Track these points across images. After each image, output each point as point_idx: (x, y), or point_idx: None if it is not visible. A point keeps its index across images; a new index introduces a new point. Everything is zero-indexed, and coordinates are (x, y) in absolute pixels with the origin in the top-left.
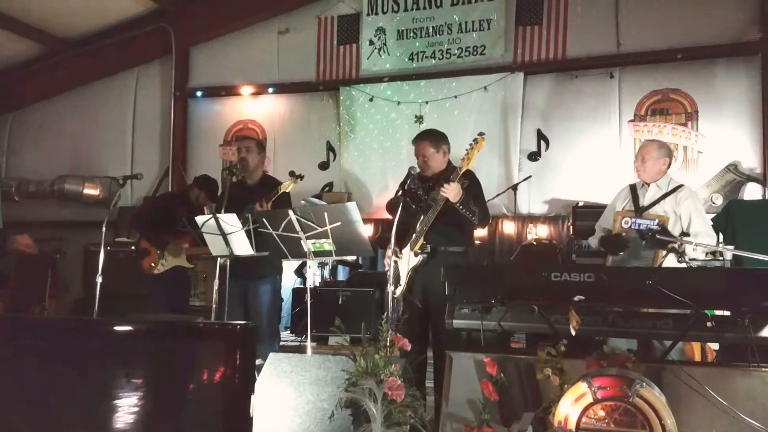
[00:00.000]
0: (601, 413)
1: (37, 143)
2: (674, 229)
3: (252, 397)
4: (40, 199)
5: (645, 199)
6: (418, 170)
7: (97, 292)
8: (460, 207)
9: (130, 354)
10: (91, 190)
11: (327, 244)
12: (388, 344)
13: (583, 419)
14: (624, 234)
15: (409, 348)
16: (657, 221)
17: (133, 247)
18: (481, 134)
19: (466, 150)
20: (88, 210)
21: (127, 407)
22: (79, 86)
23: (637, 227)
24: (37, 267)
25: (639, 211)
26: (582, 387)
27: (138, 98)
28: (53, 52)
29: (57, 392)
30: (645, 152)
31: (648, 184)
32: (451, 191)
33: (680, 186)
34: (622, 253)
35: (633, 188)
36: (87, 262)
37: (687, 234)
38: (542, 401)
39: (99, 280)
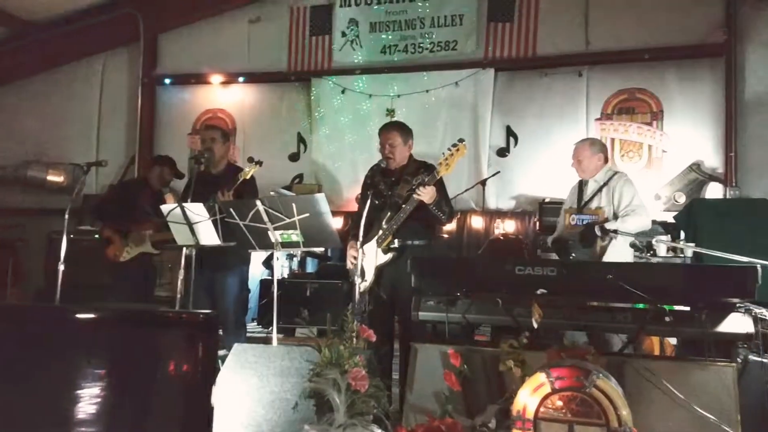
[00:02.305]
0: (559, 403)
1: (0, 129)
2: (611, 218)
3: (214, 386)
4: (2, 186)
5: (586, 195)
6: (384, 164)
7: (59, 281)
8: (434, 208)
9: (92, 342)
10: (55, 177)
11: (295, 236)
12: (353, 336)
13: (541, 409)
14: (569, 237)
15: (374, 339)
16: (594, 217)
17: (97, 236)
18: (461, 140)
19: (444, 155)
20: (52, 197)
21: (89, 397)
22: (44, 71)
23: (581, 223)
24: None
25: (580, 207)
26: (540, 377)
27: (104, 84)
28: (18, 35)
29: (16, 381)
30: (579, 153)
31: (587, 181)
32: (427, 194)
33: (613, 175)
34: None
35: (580, 184)
36: (50, 250)
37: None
38: (505, 392)
39: (61, 268)
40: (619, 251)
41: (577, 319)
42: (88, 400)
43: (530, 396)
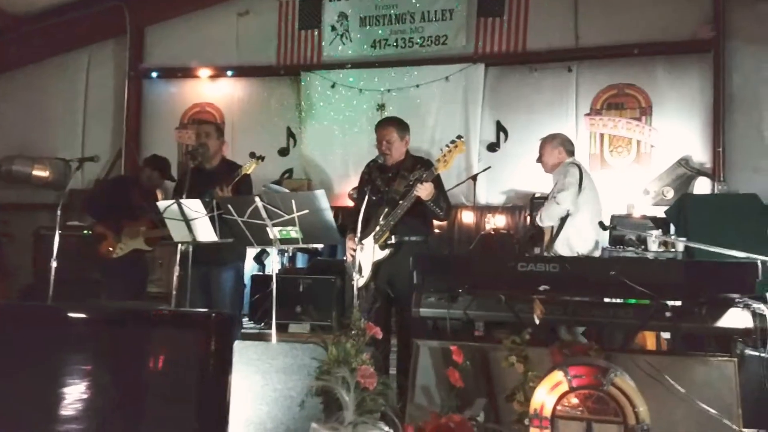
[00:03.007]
0: (575, 401)
1: None
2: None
3: (230, 385)
4: None
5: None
6: (382, 160)
7: (52, 277)
8: (431, 204)
9: (101, 343)
10: (40, 172)
11: (294, 232)
12: (359, 333)
13: (558, 407)
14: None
15: (380, 336)
16: None
17: (85, 231)
18: (459, 137)
19: (443, 151)
20: (37, 192)
21: (99, 398)
22: (28, 64)
23: None
24: None
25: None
26: (558, 375)
27: (90, 78)
28: (3, 28)
29: (26, 386)
30: (540, 151)
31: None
32: (425, 191)
33: (567, 164)
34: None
35: None
36: (37, 246)
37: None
38: (504, 388)
39: (53, 264)
40: (566, 245)
41: (578, 315)
42: (98, 401)
43: (547, 394)
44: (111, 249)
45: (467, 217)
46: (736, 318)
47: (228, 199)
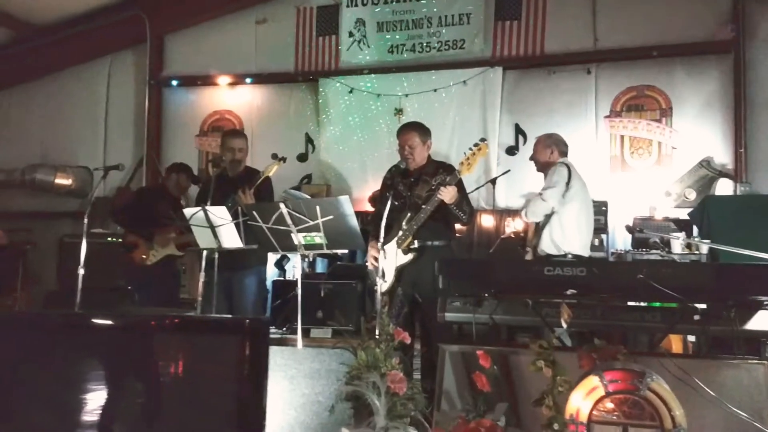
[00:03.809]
0: (610, 405)
1: (6, 131)
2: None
3: (266, 391)
4: (10, 189)
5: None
6: (404, 165)
7: (79, 285)
8: (454, 208)
9: (131, 351)
10: (63, 180)
11: (318, 238)
12: (388, 338)
13: (594, 412)
14: None
15: (409, 341)
16: None
17: (110, 239)
18: (482, 140)
19: (466, 154)
20: (59, 200)
21: (141, 402)
22: (50, 73)
23: None
24: (7, 258)
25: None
26: (594, 381)
27: (111, 86)
28: (23, 38)
29: (68, 388)
30: (534, 148)
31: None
32: (448, 194)
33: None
34: None
35: None
36: (61, 254)
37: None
38: (527, 393)
39: (81, 272)
40: (552, 244)
41: (606, 319)
42: (140, 405)
43: (583, 399)
44: (144, 257)
45: (487, 221)
46: (766, 321)
47: (253, 206)
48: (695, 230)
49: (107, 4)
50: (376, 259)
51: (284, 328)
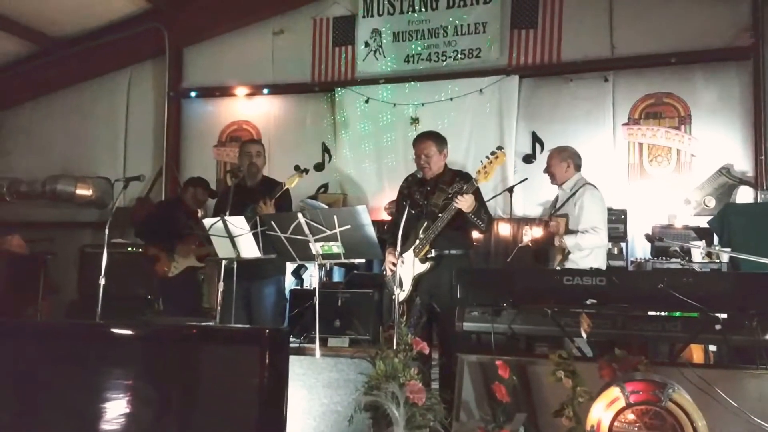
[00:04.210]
0: (631, 417)
1: (28, 143)
2: (572, 227)
3: (286, 400)
4: (32, 200)
5: (558, 203)
6: (421, 174)
7: (100, 294)
8: (473, 217)
9: (163, 359)
10: (84, 191)
11: (336, 247)
12: (406, 347)
13: (615, 423)
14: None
15: (427, 351)
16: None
17: (130, 249)
18: (500, 148)
19: (483, 163)
20: (80, 210)
21: (160, 412)
22: (70, 86)
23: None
24: (28, 268)
25: (551, 214)
26: (614, 392)
27: (130, 98)
28: (45, 51)
29: (83, 398)
30: (548, 162)
31: (561, 188)
32: (465, 203)
33: (582, 187)
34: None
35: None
36: (82, 264)
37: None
38: (546, 403)
39: (102, 282)
40: (576, 263)
41: (626, 329)
42: (158, 412)
43: (605, 411)
44: (166, 269)
45: (504, 230)
46: None
47: (271, 216)
48: (715, 239)
49: (126, 18)
50: (394, 264)
51: (302, 337)
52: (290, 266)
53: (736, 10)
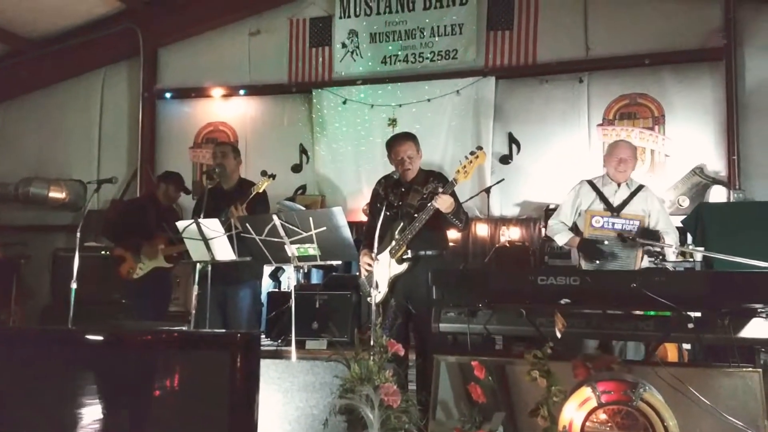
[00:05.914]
0: (603, 416)
1: (0, 145)
2: (652, 226)
3: (257, 405)
4: (4, 203)
5: (616, 199)
6: (397, 175)
7: (72, 299)
8: (451, 216)
9: (135, 364)
10: (57, 194)
11: (312, 249)
12: (381, 349)
13: (587, 423)
14: (603, 239)
15: (402, 353)
16: (636, 222)
17: (103, 252)
18: (479, 148)
19: (462, 162)
20: (53, 214)
21: (133, 416)
22: (43, 87)
23: (612, 227)
24: (1, 273)
25: (613, 210)
26: (586, 392)
27: (104, 100)
28: (17, 51)
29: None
30: (625, 153)
31: (619, 184)
32: (444, 203)
33: (642, 186)
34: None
35: (593, 185)
36: (55, 268)
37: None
38: (524, 403)
39: (74, 286)
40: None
41: (600, 328)
42: (131, 416)
43: (576, 410)
44: (131, 270)
45: (481, 230)
46: (760, 328)
47: (246, 218)
48: (689, 238)
49: (100, 18)
50: (369, 264)
51: (279, 340)
52: (267, 270)
53: (709, 11)
